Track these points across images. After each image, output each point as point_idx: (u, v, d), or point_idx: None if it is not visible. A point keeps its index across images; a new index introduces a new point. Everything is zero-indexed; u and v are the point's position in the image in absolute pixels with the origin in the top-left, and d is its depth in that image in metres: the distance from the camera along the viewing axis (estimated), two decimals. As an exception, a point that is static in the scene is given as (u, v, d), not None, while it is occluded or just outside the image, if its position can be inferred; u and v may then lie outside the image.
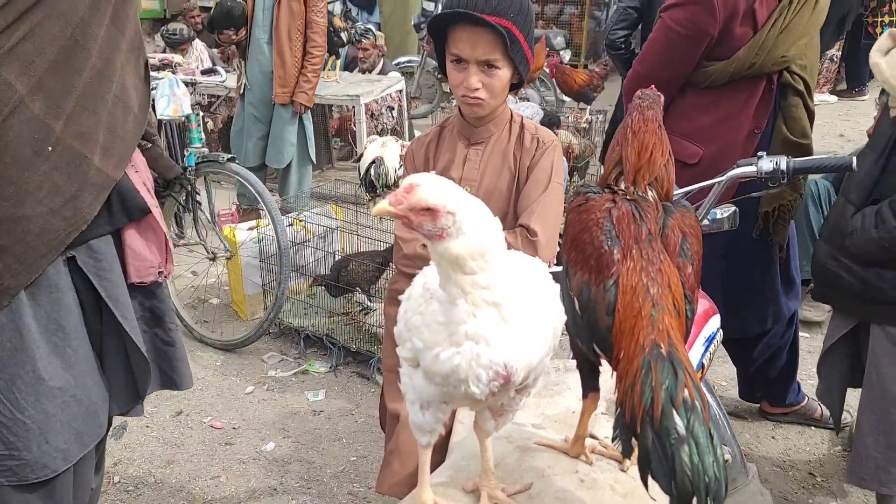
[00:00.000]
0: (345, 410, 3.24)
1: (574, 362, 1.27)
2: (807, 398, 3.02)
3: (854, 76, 8.05)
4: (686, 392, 0.99)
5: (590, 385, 1.26)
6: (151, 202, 1.73)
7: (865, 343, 2.21)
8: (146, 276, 1.74)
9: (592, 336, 1.11)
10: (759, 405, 3.11)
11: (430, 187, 0.93)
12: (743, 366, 2.97)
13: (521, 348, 0.98)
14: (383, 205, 0.93)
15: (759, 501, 2.32)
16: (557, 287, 1.08)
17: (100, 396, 1.71)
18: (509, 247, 1.81)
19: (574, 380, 1.37)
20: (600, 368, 1.24)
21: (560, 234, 1.44)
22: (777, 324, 2.75)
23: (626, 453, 1.06)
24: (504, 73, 1.80)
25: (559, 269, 1.26)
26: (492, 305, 0.96)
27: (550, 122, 4.97)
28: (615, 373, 1.08)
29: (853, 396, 2.43)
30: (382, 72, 6.46)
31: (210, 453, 2.96)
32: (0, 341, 1.54)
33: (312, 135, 4.93)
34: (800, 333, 2.96)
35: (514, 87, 1.91)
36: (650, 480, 0.99)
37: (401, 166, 4.13)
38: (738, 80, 2.43)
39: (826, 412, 2.98)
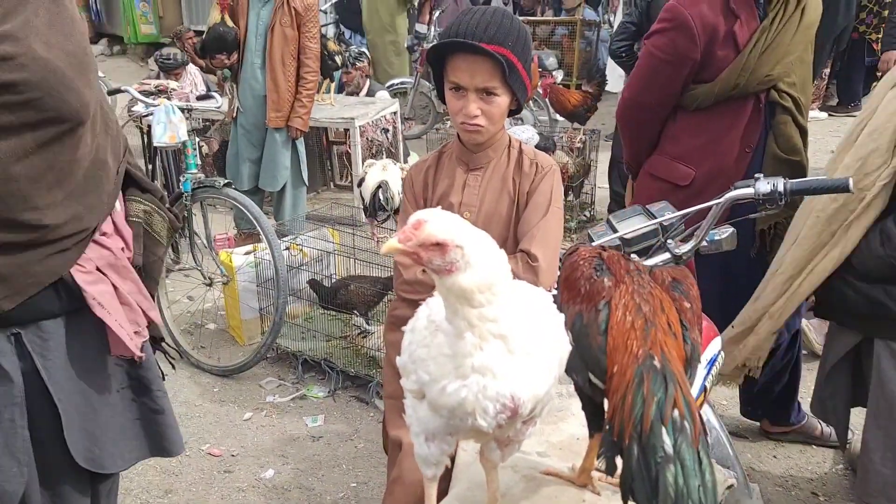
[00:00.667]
0: (344, 435, 3.21)
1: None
2: (807, 417, 3.02)
3: (848, 92, 8.10)
4: (676, 411, 0.99)
5: (596, 426, 1.25)
6: (99, 296, 1.65)
7: (868, 361, 2.21)
8: (120, 352, 1.72)
9: (587, 362, 1.11)
10: (759, 424, 3.10)
11: (438, 223, 0.94)
12: (746, 385, 2.96)
13: (528, 380, 0.97)
14: (392, 243, 0.93)
15: (763, 523, 2.31)
16: (562, 316, 1.08)
17: (14, 486, 1.63)
18: (512, 275, 1.83)
19: (577, 405, 1.36)
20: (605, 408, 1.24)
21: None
22: (779, 342, 2.75)
23: (610, 471, 1.05)
24: (503, 101, 1.81)
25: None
26: (498, 338, 0.96)
27: (546, 146, 4.99)
28: (608, 390, 1.08)
29: (854, 414, 2.43)
30: (369, 93, 6.49)
31: (209, 481, 2.93)
32: None
33: (305, 157, 4.94)
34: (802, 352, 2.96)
35: (513, 113, 1.92)
36: (631, 501, 0.99)
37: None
38: (725, 100, 2.46)
39: (826, 430, 2.97)
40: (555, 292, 1.80)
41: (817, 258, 2.23)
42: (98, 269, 1.69)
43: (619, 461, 1.03)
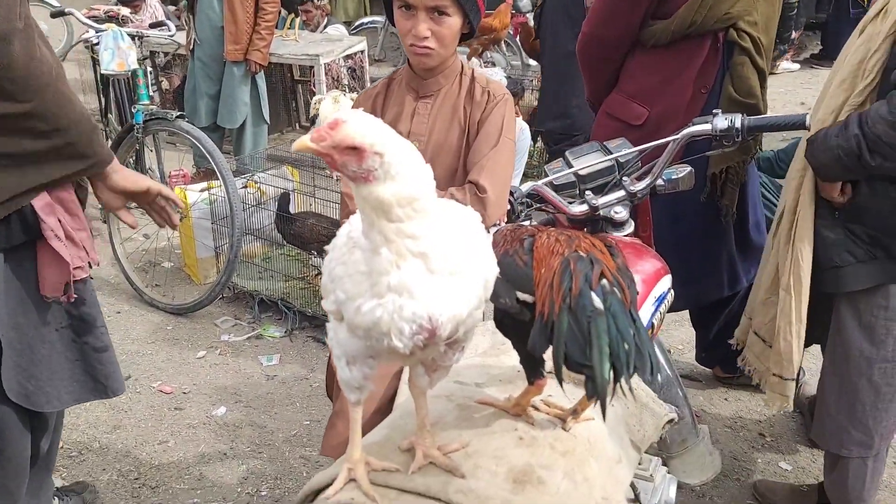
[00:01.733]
0: (299, 375, 3.18)
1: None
2: None
3: (835, 45, 8.00)
4: (604, 280, 0.99)
5: (535, 374, 1.22)
6: (50, 220, 1.63)
7: (823, 306, 2.20)
8: (50, 291, 1.71)
9: (513, 281, 1.08)
10: (712, 370, 3.12)
11: (356, 124, 0.87)
12: (703, 331, 2.97)
13: (448, 301, 0.93)
14: (304, 140, 0.86)
15: (709, 461, 2.33)
16: (489, 237, 1.03)
17: None
18: (455, 202, 1.77)
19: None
20: (545, 360, 1.21)
21: None
22: (737, 289, 2.74)
23: (532, 374, 1.10)
24: (454, 22, 1.74)
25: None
26: (417, 256, 0.91)
27: (514, 91, 4.90)
28: (536, 295, 1.05)
29: (806, 359, 2.45)
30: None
31: (158, 418, 2.90)
32: None
33: (266, 94, 4.80)
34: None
35: (465, 38, 1.84)
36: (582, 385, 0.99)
37: None
38: (682, 38, 2.37)
39: None
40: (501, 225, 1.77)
41: (799, 204, 2.13)
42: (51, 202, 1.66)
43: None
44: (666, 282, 1.95)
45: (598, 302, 0.97)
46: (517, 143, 4.11)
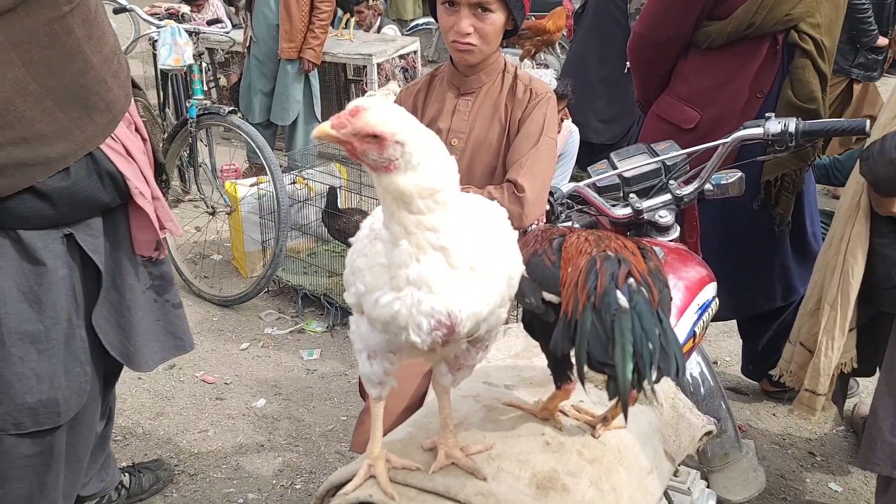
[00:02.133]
0: (338, 371, 3.20)
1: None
2: None
3: None
4: (631, 279, 0.96)
5: (563, 377, 1.19)
6: (142, 189, 1.77)
7: (883, 331, 2.10)
8: (144, 251, 1.85)
9: (540, 281, 1.05)
10: (759, 383, 3.02)
11: (378, 112, 0.85)
12: (751, 341, 2.87)
13: (469, 297, 0.90)
14: (324, 127, 0.85)
15: (752, 478, 2.25)
16: (515, 233, 1.01)
17: (67, 387, 1.74)
18: (494, 201, 1.75)
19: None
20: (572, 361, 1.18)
21: None
22: (791, 300, 2.64)
23: (559, 377, 1.07)
24: (497, 18, 1.71)
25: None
26: (438, 249, 0.89)
27: (563, 94, 4.82)
28: (562, 295, 1.02)
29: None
30: (378, 32, 6.36)
31: (200, 407, 2.94)
32: None
33: (319, 92, 4.85)
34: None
35: (509, 34, 1.82)
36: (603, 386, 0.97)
37: None
38: (739, 40, 2.29)
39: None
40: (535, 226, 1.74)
41: (854, 218, 2.04)
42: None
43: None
44: (710, 290, 1.88)
45: (623, 300, 0.94)
46: (567, 147, 4.07)
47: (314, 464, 2.64)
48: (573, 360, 1.00)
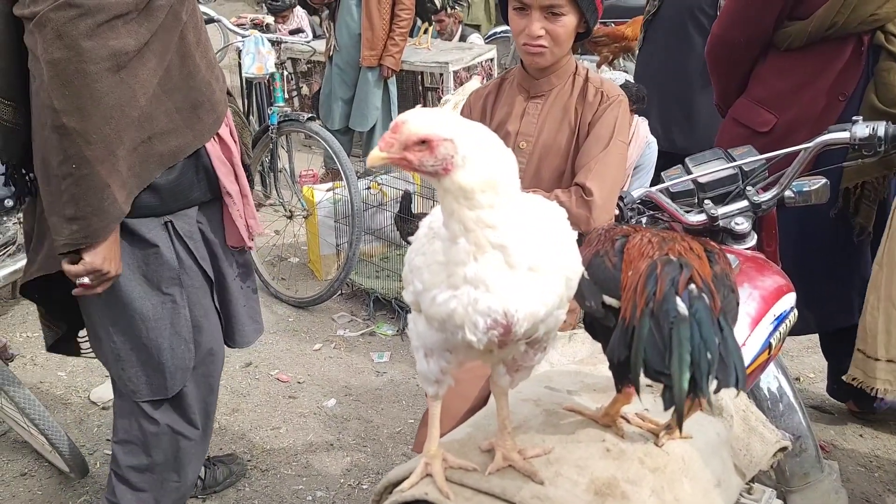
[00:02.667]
0: (408, 374, 3.22)
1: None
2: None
3: None
4: (693, 285, 0.93)
5: (623, 380, 1.16)
6: (231, 188, 1.88)
7: None
8: (236, 243, 1.97)
9: (601, 283, 1.02)
10: (845, 403, 2.87)
11: (417, 119, 0.86)
12: (834, 360, 2.74)
13: (526, 297, 0.90)
14: (374, 154, 0.86)
15: (833, 500, 2.14)
16: (575, 234, 0.99)
17: (173, 364, 1.86)
18: (562, 205, 1.73)
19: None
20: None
21: None
22: None
23: (620, 380, 1.02)
24: (569, 21, 1.70)
25: None
26: (497, 248, 0.89)
27: (636, 99, 4.70)
28: (622, 300, 1.00)
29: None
30: (461, 40, 6.38)
31: (273, 405, 3.02)
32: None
33: (396, 99, 4.92)
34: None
35: (581, 37, 1.80)
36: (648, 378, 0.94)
37: None
38: (820, 41, 2.19)
39: None
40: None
41: None
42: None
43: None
44: (788, 300, 1.81)
45: (682, 308, 0.91)
46: (644, 158, 3.95)
47: (381, 465, 2.66)
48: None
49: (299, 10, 6.89)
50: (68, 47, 1.48)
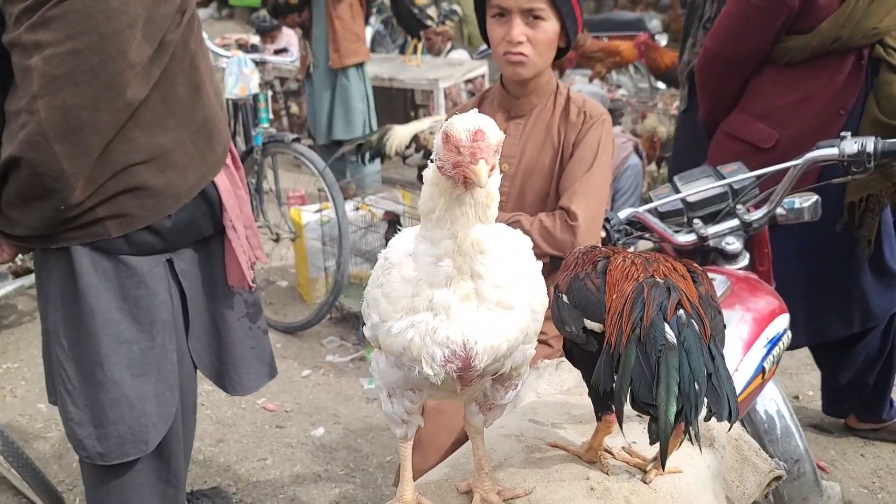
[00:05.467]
0: (398, 399, 3.15)
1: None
2: None
3: None
4: (682, 310, 0.88)
5: (603, 407, 1.10)
6: (237, 222, 1.82)
7: None
8: (236, 282, 1.88)
9: (583, 307, 0.97)
10: (844, 420, 2.80)
11: (485, 121, 0.82)
12: (831, 374, 2.68)
13: (487, 330, 0.84)
14: (484, 169, 0.80)
15: (834, 525, 2.08)
16: (540, 264, 0.94)
17: (156, 413, 1.75)
18: (546, 230, 1.67)
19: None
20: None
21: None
22: (869, 325, 2.46)
23: (600, 406, 0.99)
24: (550, 27, 1.66)
25: None
26: (475, 277, 0.84)
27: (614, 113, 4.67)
28: (606, 324, 0.95)
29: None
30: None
31: (260, 435, 2.94)
32: (77, 315, 1.64)
33: (374, 107, 4.92)
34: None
35: (562, 53, 1.75)
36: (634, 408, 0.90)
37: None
38: (822, 55, 2.17)
39: None
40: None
41: None
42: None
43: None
44: (781, 322, 1.75)
45: (671, 335, 0.85)
46: (626, 181, 3.83)
47: (370, 496, 2.59)
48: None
49: (288, 30, 6.88)
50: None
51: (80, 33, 1.44)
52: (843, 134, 1.80)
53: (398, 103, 5.98)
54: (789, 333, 1.76)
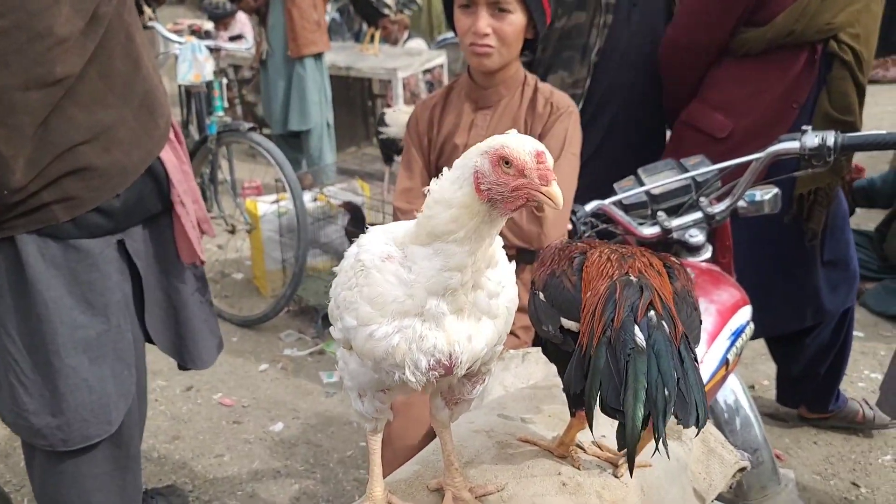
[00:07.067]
0: (358, 393, 3.11)
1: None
2: (847, 401, 2.77)
3: None
4: (653, 311, 0.86)
5: (577, 403, 1.09)
6: (185, 197, 1.78)
7: None
8: (189, 259, 1.86)
9: (559, 306, 0.95)
10: (797, 409, 2.87)
11: (537, 141, 0.82)
12: (785, 366, 2.74)
13: (473, 338, 0.82)
14: (559, 191, 0.80)
15: (792, 511, 2.12)
16: (513, 265, 0.92)
17: (116, 392, 1.72)
18: (513, 221, 1.66)
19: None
20: None
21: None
22: (820, 320, 2.51)
23: (574, 404, 0.98)
24: (517, 19, 1.64)
25: None
26: (476, 287, 0.83)
27: None
28: (581, 324, 0.93)
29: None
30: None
31: (216, 431, 2.88)
32: (27, 305, 1.59)
33: (331, 99, 4.83)
34: (853, 333, 2.70)
35: (528, 45, 1.73)
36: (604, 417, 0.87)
37: None
38: (777, 48, 2.20)
39: (869, 412, 2.74)
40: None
41: None
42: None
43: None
44: (744, 313, 1.77)
45: (640, 338, 0.83)
46: None
47: (331, 491, 2.55)
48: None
49: (242, 17, 6.72)
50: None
51: (6, 11, 1.37)
52: (804, 128, 1.82)
53: (355, 93, 5.91)
54: (752, 325, 1.78)
